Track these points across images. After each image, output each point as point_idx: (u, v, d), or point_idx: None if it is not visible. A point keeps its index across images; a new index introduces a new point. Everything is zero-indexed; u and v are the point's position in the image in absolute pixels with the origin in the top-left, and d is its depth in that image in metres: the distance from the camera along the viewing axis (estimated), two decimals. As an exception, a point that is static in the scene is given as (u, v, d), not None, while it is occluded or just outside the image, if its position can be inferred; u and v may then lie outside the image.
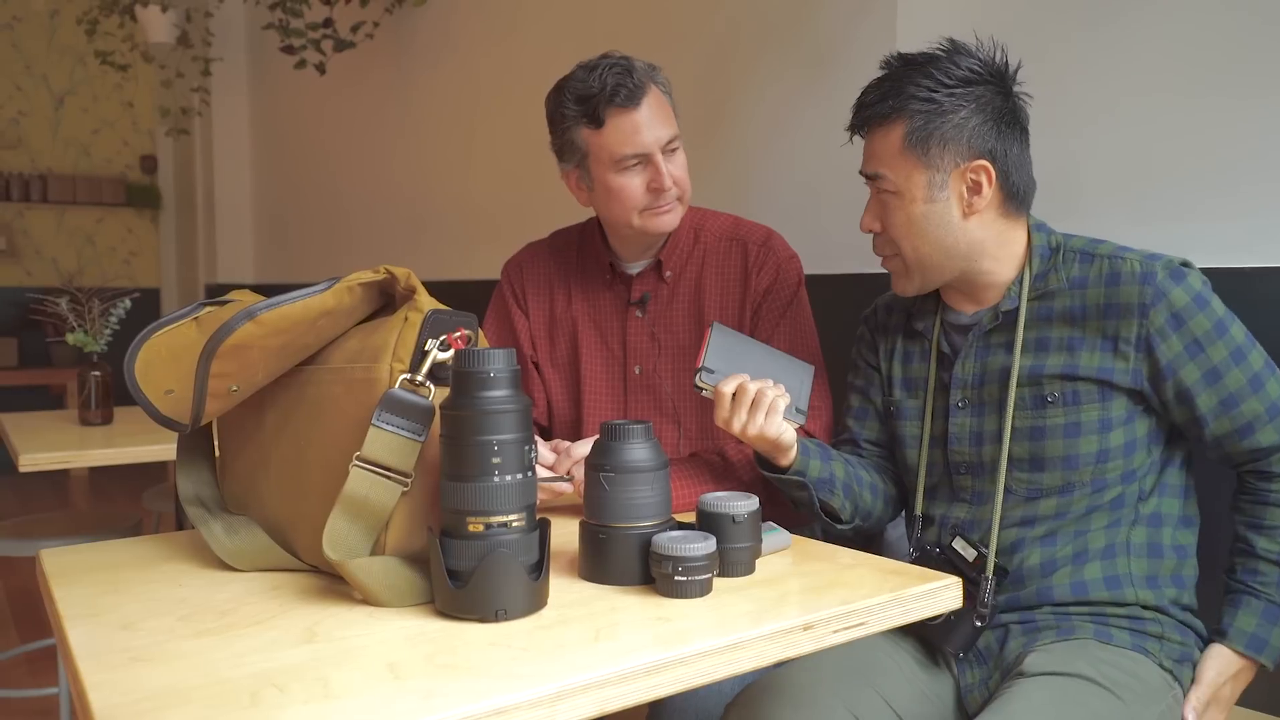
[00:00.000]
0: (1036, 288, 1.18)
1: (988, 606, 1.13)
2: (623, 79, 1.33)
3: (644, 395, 1.47)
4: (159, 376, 0.95)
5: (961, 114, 1.13)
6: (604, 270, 1.50)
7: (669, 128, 1.37)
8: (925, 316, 1.28)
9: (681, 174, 1.40)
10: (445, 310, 0.90)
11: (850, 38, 1.84)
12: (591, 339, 1.50)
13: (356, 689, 0.67)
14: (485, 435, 0.81)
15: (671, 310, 1.47)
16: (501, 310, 1.57)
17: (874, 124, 1.18)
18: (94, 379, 2.25)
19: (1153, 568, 1.14)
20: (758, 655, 0.80)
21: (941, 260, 1.18)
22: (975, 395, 1.21)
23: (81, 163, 5.96)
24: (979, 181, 1.15)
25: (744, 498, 0.98)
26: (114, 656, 0.74)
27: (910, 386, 1.29)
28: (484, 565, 0.80)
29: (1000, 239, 1.18)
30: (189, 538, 1.07)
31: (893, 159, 1.16)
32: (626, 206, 1.38)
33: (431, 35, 3.44)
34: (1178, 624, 1.14)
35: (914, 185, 1.15)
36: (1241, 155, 1.35)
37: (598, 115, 1.34)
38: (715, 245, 1.47)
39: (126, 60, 4.50)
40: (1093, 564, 1.14)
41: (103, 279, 5.91)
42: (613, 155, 1.35)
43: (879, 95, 1.17)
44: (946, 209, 1.16)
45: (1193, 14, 1.39)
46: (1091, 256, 1.16)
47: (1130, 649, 1.10)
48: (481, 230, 3.20)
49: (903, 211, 1.17)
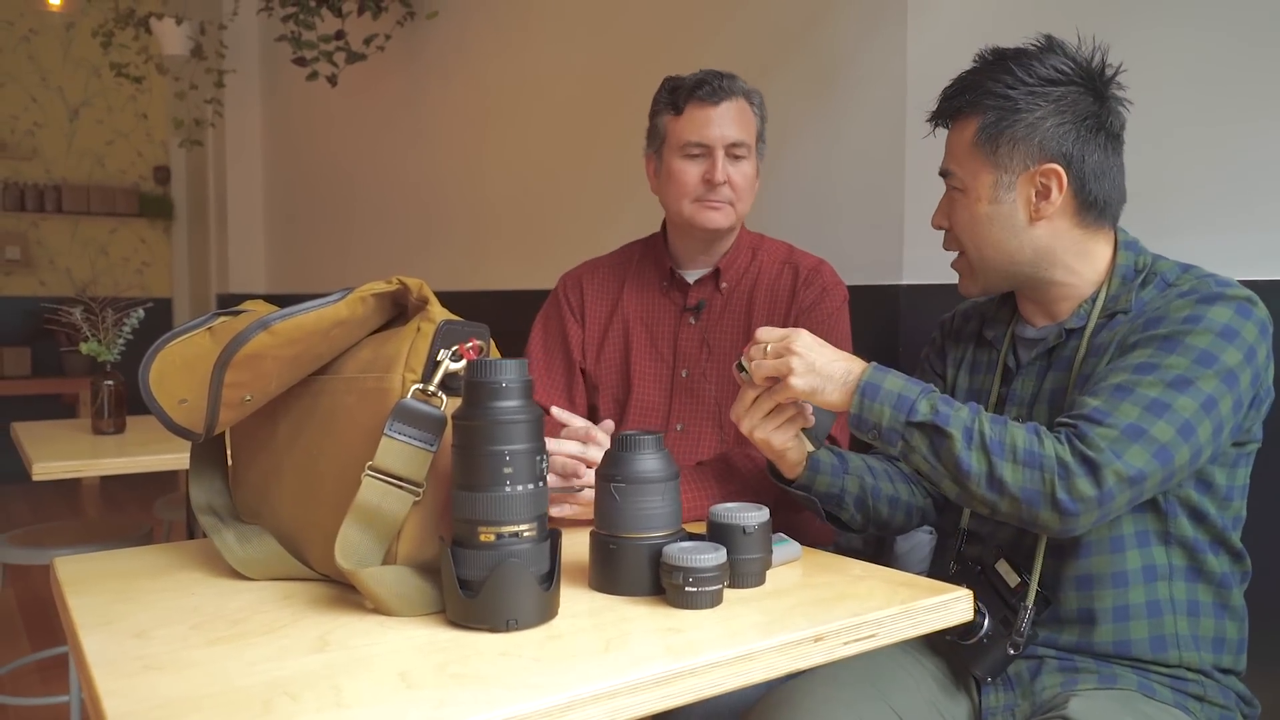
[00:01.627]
0: (1108, 307, 1.12)
1: (1024, 635, 1.09)
2: (712, 79, 1.45)
3: (688, 398, 1.53)
4: (173, 386, 0.96)
5: (1037, 114, 1.09)
6: (664, 276, 1.58)
7: (741, 133, 1.46)
8: (998, 326, 1.25)
9: (741, 180, 1.48)
10: (458, 321, 0.90)
11: (860, 54, 1.85)
12: (642, 342, 1.57)
13: (368, 698, 0.68)
14: (497, 445, 0.81)
15: (724, 319, 1.53)
16: (555, 319, 1.63)
17: (950, 118, 1.16)
18: (107, 388, 2.26)
19: (1194, 626, 1.10)
20: (768, 667, 0.79)
21: (1004, 265, 1.15)
22: (1027, 414, 1.17)
23: (96, 173, 6.01)
24: (1048, 186, 1.10)
25: (754, 509, 0.98)
26: (127, 664, 0.74)
27: (974, 397, 1.25)
28: (495, 575, 0.80)
29: (1077, 250, 1.13)
30: (201, 546, 1.08)
31: (962, 156, 1.14)
32: (680, 192, 1.48)
33: (443, 47, 3.46)
34: (1221, 687, 1.10)
35: (980, 184, 1.13)
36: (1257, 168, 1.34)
37: (679, 104, 1.47)
38: (769, 266, 1.55)
39: (141, 72, 4.54)
40: (1138, 623, 1.09)
41: (116, 289, 5.95)
42: (680, 140, 1.46)
43: (958, 88, 1.15)
44: (1011, 212, 1.12)
45: (1208, 30, 1.39)
46: (1168, 284, 1.10)
47: (1173, 705, 1.07)
48: (493, 241, 3.21)
49: (967, 210, 1.15)
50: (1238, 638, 1.13)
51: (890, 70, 1.78)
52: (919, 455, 1.03)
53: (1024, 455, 0.99)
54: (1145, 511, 1.09)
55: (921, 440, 1.02)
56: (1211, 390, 1.00)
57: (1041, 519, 1.00)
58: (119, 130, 6.06)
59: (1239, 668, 1.13)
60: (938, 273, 1.71)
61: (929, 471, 1.04)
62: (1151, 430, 0.98)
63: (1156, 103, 1.43)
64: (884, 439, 1.04)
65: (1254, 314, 1.05)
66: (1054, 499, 0.98)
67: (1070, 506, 0.97)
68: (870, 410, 1.04)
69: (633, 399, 1.55)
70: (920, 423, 1.02)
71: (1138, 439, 0.98)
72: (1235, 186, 1.37)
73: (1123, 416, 0.99)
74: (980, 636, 1.11)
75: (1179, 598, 1.10)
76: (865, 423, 1.05)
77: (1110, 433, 0.99)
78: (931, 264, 1.73)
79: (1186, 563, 1.10)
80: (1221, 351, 1.02)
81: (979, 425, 1.01)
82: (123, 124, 6.07)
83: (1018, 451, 0.99)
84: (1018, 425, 1.02)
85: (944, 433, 1.01)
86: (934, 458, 1.02)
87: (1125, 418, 0.99)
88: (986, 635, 1.11)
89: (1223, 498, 1.10)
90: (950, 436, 1.01)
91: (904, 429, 1.03)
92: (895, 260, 1.79)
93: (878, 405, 1.04)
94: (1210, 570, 1.11)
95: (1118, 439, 0.98)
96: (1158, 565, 1.10)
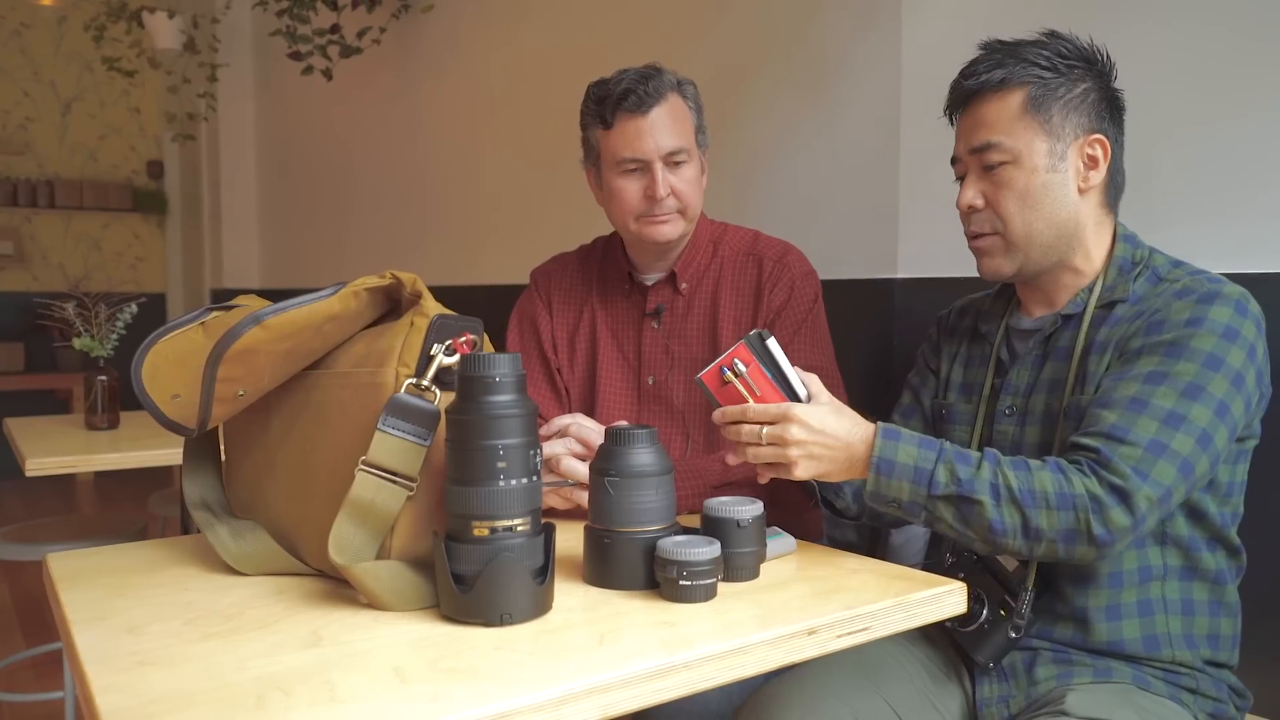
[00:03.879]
0: (1104, 297, 1.13)
1: (1024, 619, 1.09)
2: (637, 85, 1.36)
3: (657, 405, 1.48)
4: (166, 381, 0.96)
5: (1083, 85, 1.11)
6: (623, 280, 1.52)
7: (677, 140, 1.38)
8: (992, 320, 1.25)
9: (685, 187, 1.40)
10: (451, 315, 0.90)
11: (855, 48, 1.85)
12: (609, 348, 1.51)
13: (362, 693, 0.68)
14: (490, 440, 0.81)
15: (687, 323, 1.48)
16: (528, 316, 1.58)
17: (987, 92, 1.13)
18: (100, 384, 2.25)
19: (1187, 625, 1.10)
20: (761, 660, 0.80)
21: (1051, 238, 1.12)
22: (1023, 404, 1.17)
23: (88, 168, 5.99)
24: (1095, 157, 1.11)
25: (748, 503, 0.98)
26: (121, 660, 0.74)
27: (967, 391, 1.26)
28: (489, 570, 0.80)
29: (1097, 231, 1.14)
30: (194, 542, 1.08)
31: (1011, 124, 1.11)
32: (624, 210, 1.41)
33: (437, 41, 3.45)
34: (1214, 680, 1.11)
35: (1035, 152, 1.10)
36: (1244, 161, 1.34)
37: (607, 117, 1.38)
38: (732, 259, 1.48)
39: (133, 66, 4.53)
40: (1130, 622, 1.09)
41: (109, 284, 5.93)
42: (614, 157, 1.39)
43: (992, 64, 1.12)
44: (1065, 181, 1.11)
45: (1199, 25, 1.39)
46: (1160, 278, 1.11)
47: (1167, 698, 1.08)
48: (488, 235, 3.20)
49: (1021, 181, 1.11)
50: (1232, 633, 1.13)
51: (885, 64, 1.78)
52: (945, 524, 1.02)
53: (1056, 500, 0.98)
54: None
55: (947, 510, 1.00)
56: (1223, 395, 1.01)
57: (1078, 554, 0.99)
58: (111, 125, 6.04)
59: (1232, 662, 1.14)
60: (933, 266, 1.72)
61: (957, 536, 1.03)
62: (1172, 445, 0.98)
63: (1148, 97, 1.43)
64: (905, 511, 1.03)
65: (1250, 311, 1.06)
66: (1090, 535, 0.97)
67: (1107, 538, 0.97)
68: (888, 487, 1.01)
69: (600, 406, 1.50)
70: (944, 496, 1.00)
71: (1161, 455, 0.98)
72: (1226, 180, 1.37)
73: (1142, 433, 0.99)
74: (980, 623, 1.12)
75: (1172, 597, 1.10)
76: (884, 498, 1.03)
77: (1134, 452, 0.98)
78: (926, 257, 1.73)
79: (1181, 562, 1.11)
80: (1226, 354, 1.02)
81: (1004, 480, 0.99)
82: (115, 118, 6.04)
83: (1049, 498, 0.98)
84: (1040, 466, 1.00)
85: (971, 500, 0.99)
86: (962, 524, 1.01)
87: (1145, 433, 0.99)
88: (986, 621, 1.11)
89: (1223, 495, 1.10)
90: (979, 503, 0.99)
91: (926, 502, 1.01)
92: (890, 254, 1.79)
93: (895, 482, 1.01)
94: (1205, 568, 1.11)
95: (1142, 458, 0.98)
96: (1153, 566, 1.10)
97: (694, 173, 1.42)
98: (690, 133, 1.42)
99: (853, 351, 1.45)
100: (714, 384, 1.06)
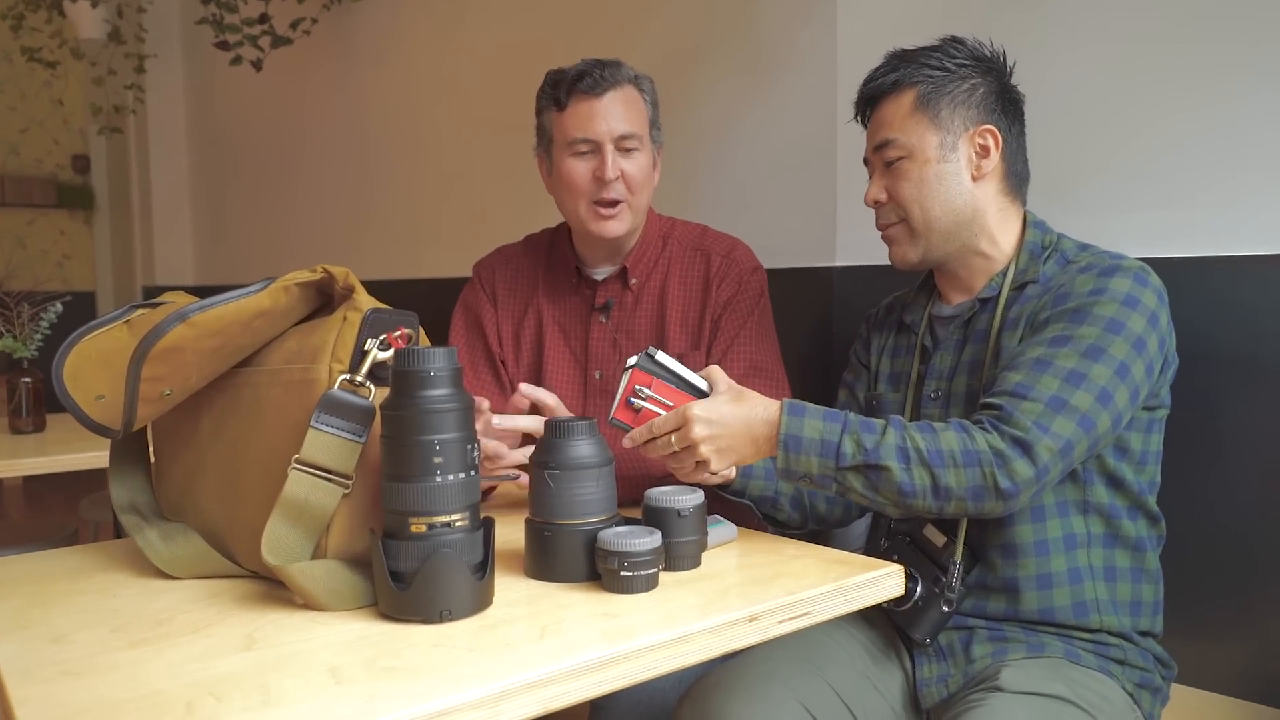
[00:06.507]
0: (1017, 279, 1.18)
1: (955, 592, 1.13)
2: (593, 69, 1.38)
3: (603, 400, 1.47)
4: (89, 381, 0.93)
5: (971, 81, 1.18)
6: (571, 274, 1.51)
7: (629, 125, 1.39)
8: (916, 310, 1.30)
9: (635, 173, 1.41)
10: (385, 309, 0.89)
11: (791, 42, 1.86)
12: (556, 341, 1.51)
13: (296, 695, 0.66)
14: (426, 435, 0.80)
15: (635, 318, 1.48)
16: (472, 309, 1.56)
17: (884, 95, 1.21)
18: (24, 386, 2.18)
19: (1111, 591, 1.14)
20: (703, 648, 0.80)
21: (949, 225, 1.19)
22: (946, 388, 1.21)
23: (10, 163, 5.76)
24: (986, 146, 1.18)
25: (689, 492, 0.98)
26: (43, 671, 0.71)
27: (895, 380, 1.30)
28: (427, 566, 0.79)
29: (1000, 217, 1.20)
30: (124, 547, 1.05)
31: (903, 121, 1.19)
32: (573, 192, 1.41)
33: (373, 32, 3.39)
34: (1140, 650, 1.15)
35: (926, 145, 1.18)
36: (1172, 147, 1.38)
37: (561, 98, 1.39)
38: (680, 254, 1.49)
39: (55, 57, 4.36)
40: (1060, 590, 1.13)
41: (35, 283, 5.71)
42: (566, 137, 1.40)
43: (888, 70, 1.21)
44: (957, 170, 1.18)
45: (1124, 8, 1.43)
46: (1068, 260, 1.17)
47: (1097, 670, 1.11)
48: (426, 229, 3.16)
49: (915, 172, 1.18)
50: (1153, 600, 1.18)
51: (822, 53, 1.80)
52: (856, 494, 1.03)
53: (962, 457, 1.01)
54: (1065, 482, 1.13)
55: (856, 479, 1.02)
56: (1123, 357, 1.05)
57: (987, 508, 1.02)
58: (33, 118, 5.82)
59: (1156, 629, 1.18)
60: (870, 254, 1.73)
61: (868, 504, 1.05)
62: (1072, 400, 1.03)
63: (1065, 91, 1.46)
64: (817, 484, 1.04)
65: (1150, 282, 1.11)
66: (996, 488, 1.00)
67: (1012, 489, 1.00)
68: (797, 463, 1.03)
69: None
70: (852, 466, 1.02)
71: (1060, 410, 1.02)
72: (1137, 170, 1.41)
73: (1044, 389, 1.03)
74: (915, 600, 1.14)
75: (1097, 564, 1.14)
76: (794, 474, 1.04)
77: (1035, 407, 1.02)
78: (864, 246, 1.75)
79: (1104, 530, 1.15)
80: (1127, 319, 1.07)
81: (911, 443, 1.01)
82: (37, 111, 5.83)
83: (955, 455, 1.01)
84: (945, 427, 1.03)
85: (878, 467, 1.01)
86: (872, 492, 1.02)
87: (1047, 390, 1.03)
88: (920, 599, 1.14)
89: (1138, 462, 1.15)
90: (886, 469, 1.01)
91: (836, 474, 1.03)
92: (829, 242, 1.81)
93: (803, 457, 1.02)
94: (1126, 535, 1.15)
95: (1042, 413, 1.02)
96: (1077, 534, 1.14)
97: (645, 161, 1.42)
98: (644, 123, 1.42)
99: (793, 339, 1.46)
100: (629, 418, 1.06)
